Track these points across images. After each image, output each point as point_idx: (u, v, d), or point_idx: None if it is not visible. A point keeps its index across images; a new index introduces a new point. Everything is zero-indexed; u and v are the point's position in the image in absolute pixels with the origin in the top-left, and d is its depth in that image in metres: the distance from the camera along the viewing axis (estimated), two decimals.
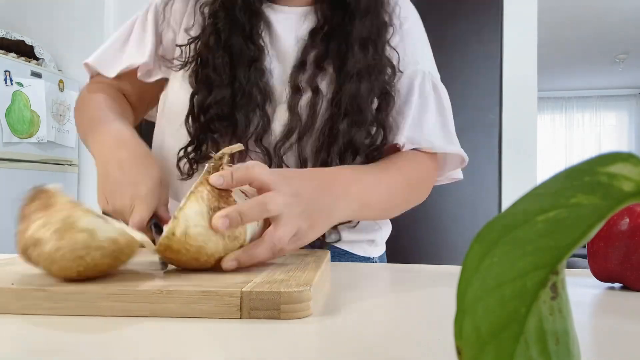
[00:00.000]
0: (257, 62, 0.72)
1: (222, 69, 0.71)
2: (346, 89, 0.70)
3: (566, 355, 0.17)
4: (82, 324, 0.34)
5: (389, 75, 0.74)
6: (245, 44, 0.72)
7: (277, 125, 0.72)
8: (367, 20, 0.73)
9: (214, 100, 0.70)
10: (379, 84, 0.72)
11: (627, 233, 0.47)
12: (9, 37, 2.57)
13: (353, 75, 0.70)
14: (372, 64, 0.72)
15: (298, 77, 0.72)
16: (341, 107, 0.70)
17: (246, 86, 0.71)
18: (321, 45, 0.73)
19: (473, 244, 0.18)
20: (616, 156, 0.16)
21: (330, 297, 0.44)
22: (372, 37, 0.73)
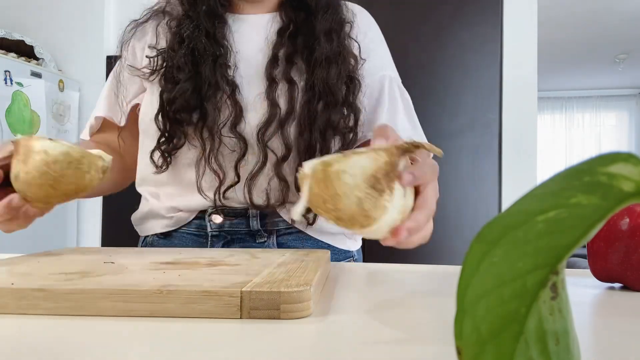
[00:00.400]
0: (222, 57, 0.77)
1: (184, 66, 0.77)
2: (317, 74, 0.76)
3: (566, 355, 0.17)
4: (81, 324, 0.34)
5: (353, 63, 0.81)
6: (209, 42, 0.78)
7: (253, 115, 0.77)
8: (329, 15, 0.80)
9: (178, 92, 0.76)
10: (345, 70, 0.79)
11: (627, 233, 0.47)
12: (9, 37, 2.57)
13: (322, 61, 0.77)
14: (337, 51, 0.78)
15: (272, 70, 0.77)
16: (315, 91, 0.76)
17: (212, 79, 0.76)
18: (289, 43, 0.79)
19: (473, 244, 0.18)
20: (616, 156, 0.16)
21: (330, 297, 0.44)
22: (334, 28, 0.80)
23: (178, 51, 0.78)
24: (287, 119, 0.76)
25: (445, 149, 2.19)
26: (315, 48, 0.77)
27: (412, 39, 2.02)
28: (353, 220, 0.41)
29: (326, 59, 0.77)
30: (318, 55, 0.77)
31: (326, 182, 0.40)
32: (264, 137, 0.75)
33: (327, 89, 0.76)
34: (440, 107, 2.04)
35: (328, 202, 0.40)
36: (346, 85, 0.79)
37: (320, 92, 0.76)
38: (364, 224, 0.41)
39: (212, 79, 0.76)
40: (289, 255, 0.57)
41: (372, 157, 0.40)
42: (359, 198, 0.39)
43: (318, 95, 0.76)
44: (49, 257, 0.55)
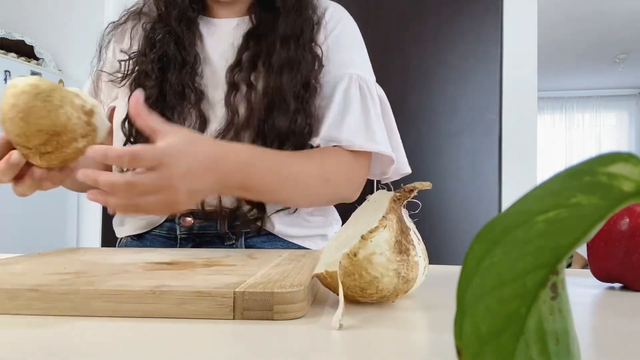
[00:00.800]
0: (189, 65, 0.77)
1: (152, 72, 0.76)
2: (271, 81, 0.76)
3: (566, 355, 0.17)
4: (74, 324, 0.34)
5: (315, 69, 0.79)
6: (178, 49, 0.77)
7: (214, 123, 0.77)
8: (290, 19, 0.79)
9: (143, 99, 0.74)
10: (302, 76, 0.77)
11: (627, 233, 0.47)
12: (9, 37, 2.57)
13: (275, 68, 0.76)
14: (293, 57, 0.77)
15: (233, 75, 0.77)
16: (269, 99, 0.75)
17: (178, 87, 0.76)
18: (254, 46, 0.78)
19: (473, 244, 0.18)
20: (616, 156, 0.16)
21: (325, 298, 0.44)
22: (294, 33, 0.78)
23: (148, 56, 0.78)
24: (245, 126, 0.75)
25: (445, 149, 2.19)
26: (273, 54, 0.77)
27: (412, 39, 2.02)
28: (396, 292, 0.40)
29: (279, 66, 0.76)
30: (273, 62, 0.76)
31: (359, 271, 0.39)
32: None
33: (279, 97, 0.75)
34: (440, 107, 2.04)
35: (368, 289, 0.39)
36: (301, 91, 0.77)
37: (272, 100, 0.75)
38: (407, 288, 0.41)
39: (177, 87, 0.76)
40: (286, 256, 0.57)
41: (387, 224, 0.40)
42: (395, 270, 0.39)
43: (271, 102, 0.75)
44: (46, 257, 0.55)
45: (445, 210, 2.04)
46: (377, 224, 0.39)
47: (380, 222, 0.39)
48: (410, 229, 0.42)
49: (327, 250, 0.45)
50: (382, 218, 0.40)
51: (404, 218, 0.41)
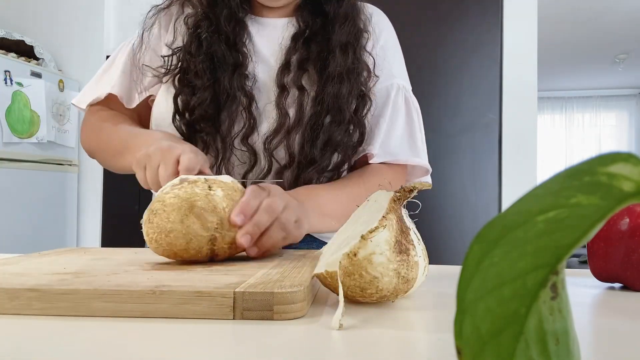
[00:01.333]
0: (241, 67, 0.76)
1: (203, 73, 0.75)
2: (329, 89, 0.75)
3: (566, 355, 0.17)
4: (74, 324, 0.34)
5: (366, 78, 0.80)
6: (229, 50, 0.76)
7: (264, 124, 0.77)
8: (346, 27, 0.78)
9: (197, 102, 0.75)
10: (357, 87, 0.78)
11: (627, 233, 0.47)
12: (9, 37, 2.57)
13: (335, 77, 0.75)
14: (351, 67, 0.77)
15: (283, 77, 0.76)
16: (324, 106, 0.75)
17: (230, 90, 0.75)
18: (303, 49, 0.78)
19: (473, 244, 0.18)
20: (616, 156, 0.16)
21: (325, 298, 0.44)
22: (350, 41, 0.78)
23: (196, 55, 0.76)
24: (294, 128, 0.75)
25: (445, 149, 2.19)
26: (330, 61, 0.76)
27: (412, 39, 2.02)
28: (396, 292, 0.40)
29: (339, 75, 0.76)
30: (331, 70, 0.76)
31: (359, 271, 0.39)
32: (270, 146, 0.75)
33: (336, 106, 0.75)
34: (440, 107, 2.04)
35: (368, 289, 0.39)
36: (356, 101, 0.78)
37: (328, 108, 0.75)
38: (407, 288, 0.41)
39: (230, 90, 0.75)
40: (287, 256, 0.57)
41: (386, 224, 0.40)
42: (395, 270, 0.39)
43: (326, 110, 0.75)
44: (46, 257, 0.55)
45: (445, 210, 2.04)
46: (377, 224, 0.39)
47: (380, 222, 0.39)
48: (410, 229, 0.42)
49: (327, 250, 0.45)
50: (382, 218, 0.40)
51: (404, 218, 0.41)
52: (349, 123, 0.77)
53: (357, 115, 0.78)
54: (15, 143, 2.44)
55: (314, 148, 0.75)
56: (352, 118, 0.77)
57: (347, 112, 0.76)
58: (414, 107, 0.85)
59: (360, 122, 0.78)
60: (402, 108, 0.84)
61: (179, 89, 0.77)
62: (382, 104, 0.83)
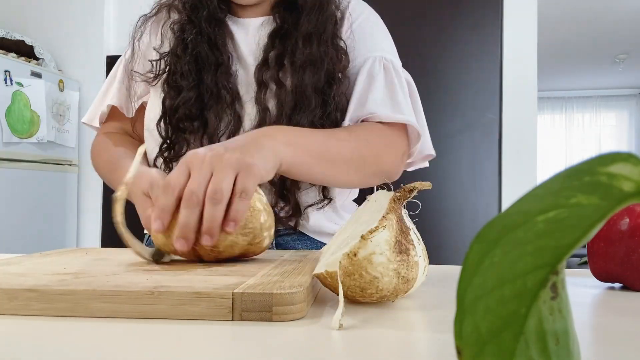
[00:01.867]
0: (223, 65, 0.78)
1: (188, 74, 0.77)
2: (294, 80, 0.76)
3: (566, 355, 0.17)
4: (72, 325, 0.34)
5: (341, 63, 0.79)
6: (211, 50, 0.78)
7: (247, 121, 0.78)
8: (312, 17, 0.79)
9: (181, 101, 0.77)
10: (325, 72, 0.77)
11: (627, 233, 0.47)
12: (9, 37, 2.57)
13: (298, 67, 0.77)
14: (316, 55, 0.77)
15: (262, 74, 0.78)
16: (296, 97, 0.76)
17: (214, 88, 0.77)
18: (280, 45, 0.79)
19: (473, 244, 0.18)
20: (616, 156, 0.16)
21: (325, 299, 0.44)
22: (316, 31, 0.78)
23: (182, 57, 0.78)
24: (276, 123, 0.76)
25: (445, 149, 2.19)
26: (296, 52, 0.78)
27: (411, 38, 2.02)
28: (396, 292, 0.40)
29: (301, 64, 0.77)
30: (295, 60, 0.77)
31: (359, 271, 0.39)
32: None
33: (301, 95, 0.76)
34: (440, 107, 2.04)
35: (368, 289, 0.39)
36: (327, 86, 0.78)
37: (297, 98, 0.76)
38: (407, 288, 0.41)
39: (214, 88, 0.77)
40: (287, 257, 0.57)
41: (386, 224, 0.39)
42: (395, 270, 0.39)
43: (296, 100, 0.76)
44: (47, 258, 0.55)
45: (445, 210, 2.04)
46: (377, 224, 0.39)
47: (380, 222, 0.39)
48: (410, 229, 0.42)
49: (327, 250, 0.45)
50: (382, 218, 0.40)
51: (404, 218, 0.41)
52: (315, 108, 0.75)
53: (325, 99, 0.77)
54: (15, 143, 2.44)
55: None
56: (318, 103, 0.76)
57: (313, 98, 0.76)
58: (395, 74, 0.82)
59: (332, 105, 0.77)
60: (380, 74, 0.81)
61: (167, 92, 0.79)
62: (354, 78, 0.81)
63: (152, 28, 0.87)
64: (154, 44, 0.85)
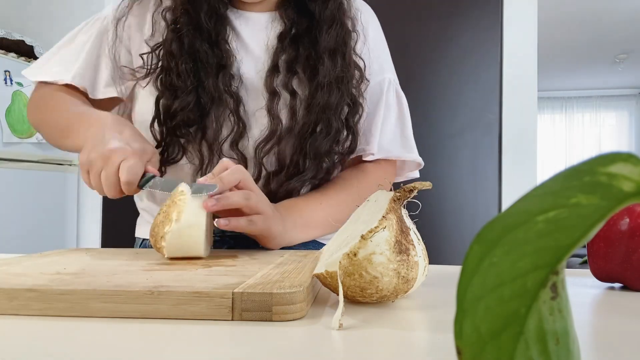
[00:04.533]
0: (226, 68, 0.72)
1: (186, 75, 0.71)
2: (318, 99, 0.72)
3: (566, 355, 0.17)
4: (72, 325, 0.34)
5: (358, 81, 0.77)
6: (212, 49, 0.72)
7: (255, 129, 0.74)
8: (333, 30, 0.75)
9: (179, 106, 0.70)
10: (348, 94, 0.75)
11: (627, 233, 0.47)
12: (9, 37, 2.57)
13: (324, 85, 0.73)
14: (340, 74, 0.74)
15: (272, 80, 0.73)
16: (314, 115, 0.73)
17: (215, 93, 0.71)
18: (290, 49, 0.74)
19: (473, 244, 0.18)
20: (616, 156, 0.16)
21: (326, 299, 0.44)
22: (339, 47, 0.75)
23: (177, 55, 0.72)
24: (286, 134, 0.73)
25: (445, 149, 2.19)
26: (318, 67, 0.73)
27: (411, 38, 2.02)
28: (396, 292, 0.40)
29: (328, 84, 0.73)
30: (321, 79, 0.72)
31: (359, 271, 0.39)
32: (261, 153, 0.72)
33: (325, 117, 0.73)
34: (440, 107, 2.04)
35: (368, 289, 0.39)
36: (347, 109, 0.75)
37: (317, 118, 0.72)
38: (407, 288, 0.41)
39: (215, 93, 0.71)
40: (287, 257, 0.57)
41: (386, 224, 0.39)
42: (395, 270, 0.39)
43: (316, 120, 0.73)
44: (47, 258, 0.55)
45: (445, 210, 2.04)
46: (377, 224, 0.39)
47: (380, 222, 0.39)
48: (410, 229, 0.42)
49: (327, 250, 0.45)
50: (382, 218, 0.40)
51: (404, 218, 0.41)
52: (338, 132, 0.74)
53: (348, 124, 0.76)
54: (15, 143, 2.44)
55: (303, 157, 0.73)
56: (342, 126, 0.75)
57: (336, 122, 0.74)
58: (404, 102, 0.85)
59: (352, 130, 0.77)
60: (394, 104, 0.83)
61: (162, 91, 0.72)
62: (376, 100, 0.81)
63: (138, 10, 0.78)
64: (140, 32, 0.77)
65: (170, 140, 0.73)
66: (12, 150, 2.42)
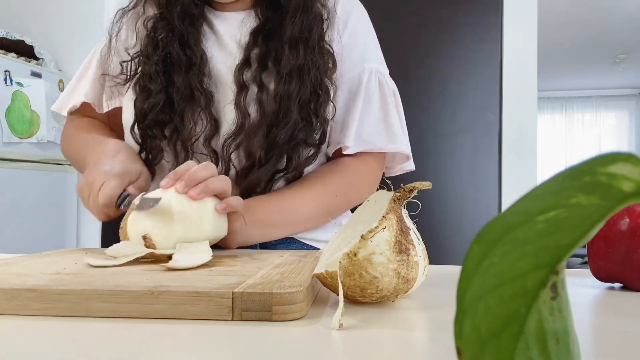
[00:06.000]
0: (196, 66, 0.73)
1: (156, 76, 0.72)
2: (279, 88, 0.72)
3: (566, 355, 0.17)
4: (72, 325, 0.34)
5: (328, 69, 0.75)
6: (183, 50, 0.73)
7: (225, 125, 0.74)
8: (297, 19, 0.74)
9: (149, 106, 0.72)
10: (312, 82, 0.73)
11: (627, 233, 0.47)
12: (9, 37, 2.57)
13: (283, 75, 0.72)
14: (302, 63, 0.73)
15: (242, 74, 0.73)
16: (279, 106, 0.72)
17: (185, 90, 0.72)
18: (262, 45, 0.75)
19: (473, 244, 0.18)
20: (616, 156, 0.16)
21: (325, 299, 0.44)
22: (302, 36, 0.74)
23: (152, 58, 0.73)
24: (257, 129, 0.72)
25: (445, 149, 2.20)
26: (282, 58, 0.72)
27: (411, 38, 2.02)
28: (396, 292, 0.40)
29: (288, 73, 0.72)
30: (281, 68, 0.72)
31: (359, 271, 0.39)
32: (229, 149, 0.72)
33: (285, 106, 0.71)
34: (440, 107, 2.04)
35: (368, 289, 0.39)
36: (315, 95, 0.74)
37: (280, 108, 0.72)
38: (407, 288, 0.41)
39: (186, 90, 0.72)
40: (287, 257, 0.57)
41: (386, 224, 0.39)
42: (395, 270, 0.39)
43: (279, 110, 0.72)
44: (47, 258, 0.55)
45: (445, 210, 2.04)
46: (377, 224, 0.39)
47: (380, 222, 0.39)
48: (410, 229, 0.42)
49: (327, 250, 0.45)
50: (382, 218, 0.40)
51: (404, 218, 0.41)
52: (297, 122, 0.72)
53: (316, 110, 0.74)
54: (15, 143, 2.44)
55: (266, 150, 0.72)
56: (308, 115, 0.73)
57: (296, 111, 0.72)
58: (389, 91, 0.81)
59: (319, 117, 0.74)
60: (376, 92, 0.79)
61: (138, 95, 0.74)
62: (355, 91, 0.79)
63: (129, 24, 0.81)
64: (129, 41, 0.80)
65: (147, 142, 0.74)
66: (12, 150, 2.42)
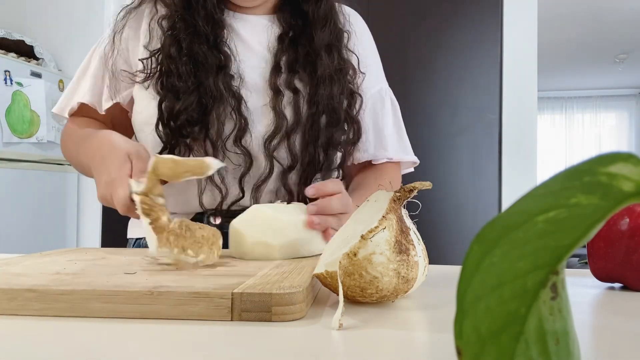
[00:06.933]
0: (226, 68, 0.75)
1: (186, 76, 0.73)
2: (321, 91, 0.77)
3: (566, 355, 0.17)
4: (71, 325, 0.34)
5: (352, 76, 0.82)
6: (210, 51, 0.75)
7: (259, 126, 0.76)
8: (327, 28, 0.80)
9: (182, 106, 0.73)
10: (346, 85, 0.80)
11: (627, 233, 0.47)
12: (9, 37, 2.57)
13: (325, 78, 0.77)
14: (338, 67, 0.79)
15: (275, 80, 0.77)
16: (319, 107, 0.76)
17: (216, 92, 0.73)
18: (290, 50, 0.79)
19: (473, 244, 0.18)
20: (616, 156, 0.16)
21: (325, 299, 0.44)
22: (334, 42, 0.80)
23: (177, 58, 0.74)
24: (293, 130, 0.76)
25: (445, 149, 2.20)
26: (317, 63, 0.77)
27: (411, 38, 2.02)
28: (396, 292, 0.40)
29: (329, 76, 0.77)
30: (321, 72, 0.77)
31: (359, 271, 0.39)
32: (270, 148, 0.75)
33: (330, 107, 0.77)
34: (440, 107, 2.04)
35: (368, 289, 0.39)
36: (347, 100, 0.80)
37: (323, 110, 0.77)
38: (407, 288, 0.41)
39: (216, 92, 0.73)
40: (287, 258, 0.57)
41: (386, 224, 0.39)
42: (395, 269, 0.39)
43: (321, 112, 0.77)
44: (47, 258, 0.55)
45: (445, 210, 2.04)
46: (377, 224, 0.39)
47: (380, 222, 0.39)
48: (410, 229, 0.42)
49: (327, 250, 0.45)
50: (382, 218, 0.40)
51: (404, 218, 0.41)
52: (344, 121, 0.80)
53: (350, 113, 0.81)
54: (15, 143, 2.44)
55: (317, 148, 0.76)
56: (346, 116, 0.80)
57: (341, 111, 0.79)
58: (397, 107, 0.92)
59: (354, 120, 0.81)
60: (390, 109, 0.90)
61: (164, 94, 0.74)
62: (381, 108, 0.88)
63: (134, 23, 0.82)
64: (138, 41, 0.81)
65: (176, 140, 0.74)
66: (12, 150, 2.42)
